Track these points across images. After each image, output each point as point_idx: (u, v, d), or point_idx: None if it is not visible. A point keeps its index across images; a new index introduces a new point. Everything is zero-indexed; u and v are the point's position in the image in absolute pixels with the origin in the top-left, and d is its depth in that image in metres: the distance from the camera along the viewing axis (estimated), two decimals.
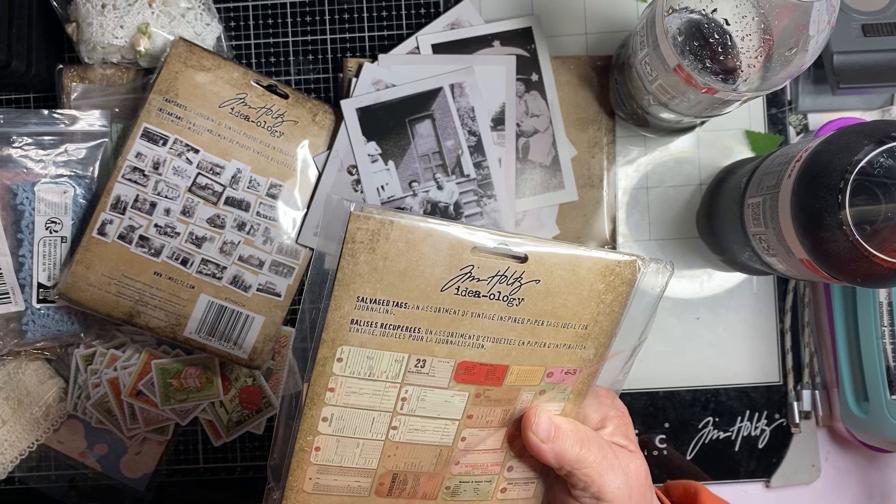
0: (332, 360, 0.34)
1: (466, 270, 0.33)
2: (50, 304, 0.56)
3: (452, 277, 0.33)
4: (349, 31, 0.61)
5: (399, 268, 0.33)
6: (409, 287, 0.33)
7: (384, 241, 0.32)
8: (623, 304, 0.37)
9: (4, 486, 0.61)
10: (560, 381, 0.38)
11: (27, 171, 0.57)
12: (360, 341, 0.34)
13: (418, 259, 0.33)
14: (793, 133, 0.61)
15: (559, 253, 0.35)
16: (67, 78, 0.59)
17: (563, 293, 0.35)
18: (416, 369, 0.35)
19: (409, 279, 0.33)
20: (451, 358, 0.35)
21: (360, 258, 0.32)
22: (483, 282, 0.34)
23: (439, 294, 0.34)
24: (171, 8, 0.57)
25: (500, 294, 0.34)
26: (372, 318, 0.33)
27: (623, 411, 0.43)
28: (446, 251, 0.33)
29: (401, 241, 0.32)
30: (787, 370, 0.60)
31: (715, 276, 0.61)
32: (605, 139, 0.60)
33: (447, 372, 0.35)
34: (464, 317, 0.34)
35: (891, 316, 0.53)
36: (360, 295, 0.33)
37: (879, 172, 0.39)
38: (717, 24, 0.43)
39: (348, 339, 0.33)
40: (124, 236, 0.56)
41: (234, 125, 0.57)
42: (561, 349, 0.37)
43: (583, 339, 0.37)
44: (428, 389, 0.36)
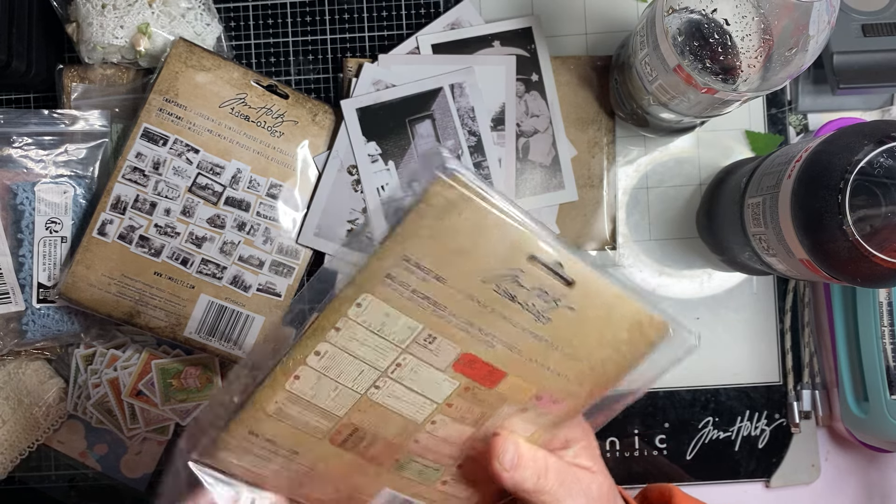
0: (352, 304, 0.33)
1: (514, 273, 0.33)
2: (50, 304, 0.57)
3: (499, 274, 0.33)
4: (349, 31, 0.61)
5: (455, 245, 0.32)
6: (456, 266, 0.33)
7: (455, 216, 0.31)
8: (637, 362, 0.37)
9: (4, 485, 0.61)
10: (544, 407, 0.38)
11: (27, 171, 0.57)
12: (386, 296, 0.33)
13: (476, 244, 0.32)
14: (793, 133, 0.61)
15: (605, 290, 0.34)
16: (67, 78, 0.59)
17: (588, 328, 0.35)
18: (423, 343, 0.34)
19: (459, 259, 0.32)
20: (459, 345, 0.35)
21: (426, 221, 0.32)
22: (524, 289, 0.33)
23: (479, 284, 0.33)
24: (171, 8, 0.57)
25: (533, 307, 0.34)
26: (407, 280, 0.33)
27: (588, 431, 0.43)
28: (506, 248, 0.32)
29: (470, 220, 0.32)
30: (787, 370, 0.60)
31: (715, 276, 0.61)
32: (605, 139, 0.60)
33: (450, 357, 0.35)
34: (491, 314, 0.34)
35: (891, 316, 0.53)
36: (408, 255, 0.32)
37: (879, 172, 0.39)
38: (716, 24, 0.43)
39: (376, 290, 0.33)
40: (124, 236, 0.56)
41: (234, 125, 0.57)
42: (560, 378, 0.37)
43: (583, 377, 0.37)
44: (425, 365, 0.35)
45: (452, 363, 0.35)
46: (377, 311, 0.33)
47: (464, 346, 0.35)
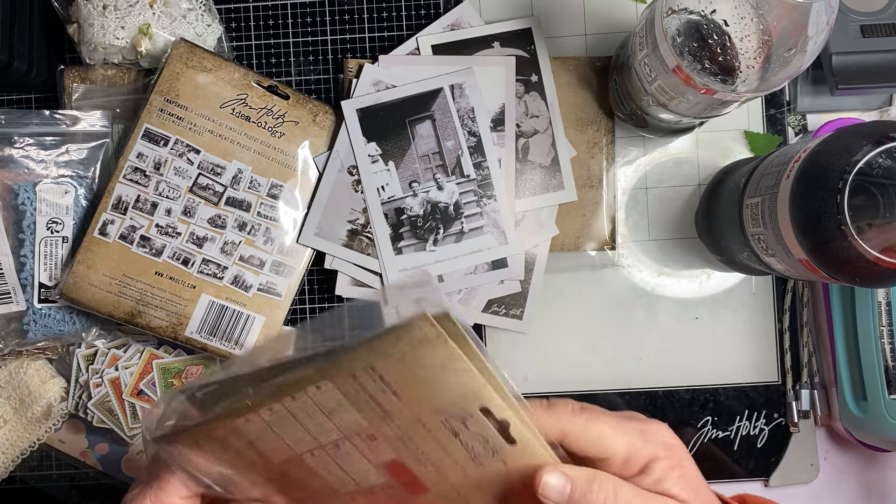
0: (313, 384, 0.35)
1: (464, 415, 0.35)
2: (51, 304, 0.57)
3: (450, 411, 0.35)
4: (349, 31, 0.61)
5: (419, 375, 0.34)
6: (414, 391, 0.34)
7: (428, 351, 0.33)
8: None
9: (6, 485, 0.61)
10: None
11: (28, 171, 0.57)
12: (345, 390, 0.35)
13: (438, 380, 0.34)
14: (791, 133, 0.61)
15: (540, 458, 0.36)
16: (69, 79, 0.59)
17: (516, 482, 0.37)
18: (364, 437, 0.37)
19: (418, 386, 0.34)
20: (395, 452, 0.37)
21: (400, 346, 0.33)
22: (468, 432, 0.35)
23: (430, 412, 0.35)
24: (172, 9, 0.57)
25: (472, 448, 0.36)
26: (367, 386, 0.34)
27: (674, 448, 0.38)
28: (464, 392, 0.34)
29: (440, 359, 0.33)
30: (786, 370, 0.60)
31: (714, 276, 0.61)
32: (604, 140, 0.60)
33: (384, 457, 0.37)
34: (432, 439, 0.36)
35: (889, 316, 0.53)
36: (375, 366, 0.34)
37: (878, 173, 0.39)
38: (716, 25, 0.43)
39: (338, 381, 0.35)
40: (125, 236, 0.56)
41: (235, 126, 0.57)
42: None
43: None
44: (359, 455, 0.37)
45: (384, 462, 0.37)
46: (333, 397, 0.35)
47: (398, 454, 0.37)
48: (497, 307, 0.60)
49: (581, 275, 0.61)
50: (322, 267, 0.59)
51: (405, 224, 0.58)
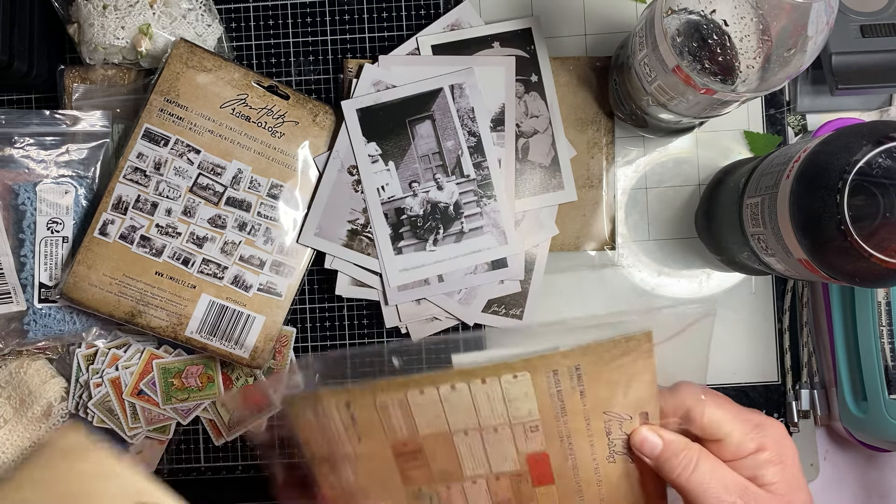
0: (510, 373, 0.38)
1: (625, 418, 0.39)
2: (51, 304, 0.57)
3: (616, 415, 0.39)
4: (349, 32, 0.61)
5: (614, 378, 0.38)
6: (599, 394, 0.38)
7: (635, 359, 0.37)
8: None
9: None
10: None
11: (29, 171, 0.57)
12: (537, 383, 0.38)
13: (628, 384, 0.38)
14: (791, 133, 0.61)
15: None
16: (69, 79, 0.59)
17: None
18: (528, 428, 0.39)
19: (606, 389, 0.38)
20: (548, 445, 0.40)
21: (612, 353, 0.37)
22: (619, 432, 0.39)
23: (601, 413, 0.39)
24: (172, 9, 0.57)
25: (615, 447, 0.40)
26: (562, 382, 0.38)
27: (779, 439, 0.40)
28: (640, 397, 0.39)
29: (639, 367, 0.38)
30: (786, 370, 0.60)
31: (714, 276, 0.61)
32: (604, 140, 0.60)
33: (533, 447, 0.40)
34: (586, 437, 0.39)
35: (889, 316, 0.53)
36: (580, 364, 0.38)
37: (878, 173, 0.39)
38: (715, 25, 0.43)
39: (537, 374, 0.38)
40: (126, 236, 0.56)
41: (235, 126, 0.57)
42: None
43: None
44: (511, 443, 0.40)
45: (530, 452, 0.40)
46: (522, 388, 0.38)
47: (550, 446, 0.39)
48: (497, 307, 0.60)
49: (581, 275, 0.61)
50: (322, 267, 0.59)
51: (405, 224, 0.58)
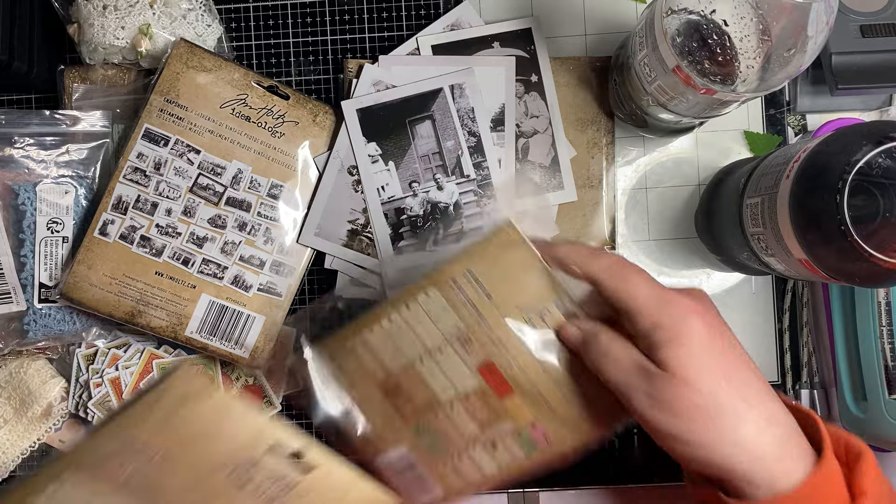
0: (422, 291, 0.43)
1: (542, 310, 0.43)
2: (51, 304, 0.57)
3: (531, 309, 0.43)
4: (349, 31, 0.61)
5: (507, 273, 0.42)
6: (503, 292, 0.42)
7: (512, 251, 0.42)
8: None
9: (6, 485, 0.61)
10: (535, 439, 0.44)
11: (29, 171, 0.57)
12: (447, 295, 0.43)
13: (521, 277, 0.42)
14: (791, 134, 0.61)
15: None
16: (69, 79, 0.59)
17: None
18: (463, 341, 0.44)
19: (506, 286, 0.42)
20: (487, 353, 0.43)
21: (489, 250, 0.42)
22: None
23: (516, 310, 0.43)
24: (172, 9, 0.57)
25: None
26: (465, 288, 0.43)
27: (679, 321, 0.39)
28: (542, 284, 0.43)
29: (520, 257, 0.42)
30: (786, 370, 0.60)
31: (714, 276, 0.61)
32: (604, 140, 0.60)
33: (478, 359, 0.44)
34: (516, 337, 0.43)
35: (889, 316, 0.53)
36: (471, 269, 0.42)
37: (877, 173, 0.39)
38: (715, 25, 0.43)
39: (442, 287, 0.43)
40: (126, 236, 0.56)
41: (235, 126, 0.57)
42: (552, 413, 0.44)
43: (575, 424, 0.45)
44: (459, 359, 0.44)
45: (478, 365, 0.44)
46: (438, 303, 0.43)
47: (489, 354, 0.43)
48: None
49: None
50: (322, 267, 0.59)
51: (405, 224, 0.58)
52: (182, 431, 0.36)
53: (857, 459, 0.40)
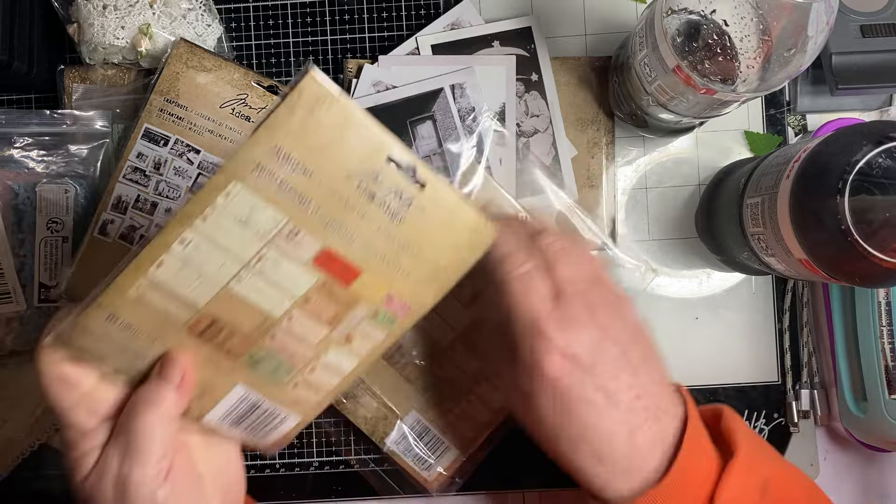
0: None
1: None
2: (51, 304, 0.57)
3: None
4: (349, 31, 0.61)
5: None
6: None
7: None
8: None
9: (5, 485, 0.61)
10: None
11: (28, 171, 0.57)
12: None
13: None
14: (791, 134, 0.61)
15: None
16: (69, 78, 0.59)
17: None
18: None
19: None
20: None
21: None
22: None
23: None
24: (172, 9, 0.57)
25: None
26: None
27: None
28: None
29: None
30: (786, 370, 0.60)
31: (714, 275, 0.61)
32: (604, 139, 0.60)
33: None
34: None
35: (889, 316, 0.53)
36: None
37: (878, 173, 0.39)
38: (715, 25, 0.43)
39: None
40: (126, 236, 0.56)
41: (235, 126, 0.57)
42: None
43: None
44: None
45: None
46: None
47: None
48: None
49: None
50: None
51: None
52: (314, 140, 0.34)
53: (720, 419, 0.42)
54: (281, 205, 0.35)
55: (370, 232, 0.36)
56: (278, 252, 0.36)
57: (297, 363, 0.40)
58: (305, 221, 0.36)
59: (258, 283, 0.37)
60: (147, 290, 0.36)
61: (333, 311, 0.38)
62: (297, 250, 0.36)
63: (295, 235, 0.36)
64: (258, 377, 0.40)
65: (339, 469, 0.60)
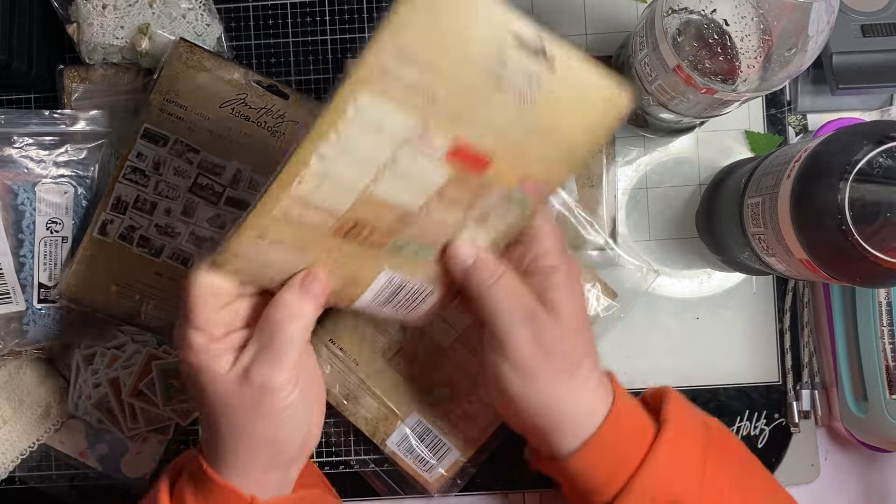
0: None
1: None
2: (51, 304, 0.57)
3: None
4: (349, 31, 0.61)
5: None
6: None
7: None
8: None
9: (5, 485, 0.61)
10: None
11: (28, 171, 0.57)
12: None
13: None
14: (792, 133, 0.61)
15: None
16: (68, 78, 0.59)
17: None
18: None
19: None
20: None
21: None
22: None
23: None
24: (171, 8, 0.57)
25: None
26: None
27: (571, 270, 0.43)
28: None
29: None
30: (787, 370, 0.60)
31: (714, 276, 0.61)
32: None
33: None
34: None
35: (890, 316, 0.53)
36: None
37: (878, 172, 0.39)
38: (716, 25, 0.43)
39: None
40: (125, 236, 0.56)
41: (234, 125, 0.57)
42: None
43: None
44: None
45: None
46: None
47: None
48: None
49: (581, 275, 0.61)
50: None
51: None
52: (437, 33, 0.33)
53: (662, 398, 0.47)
54: (410, 106, 0.34)
55: (500, 119, 0.36)
56: (411, 152, 0.36)
57: (437, 242, 0.41)
58: (435, 118, 0.35)
59: (395, 183, 0.37)
60: (290, 206, 0.37)
61: (468, 198, 0.39)
62: (429, 148, 0.36)
63: (426, 134, 0.35)
64: (401, 260, 0.41)
65: (339, 470, 0.60)
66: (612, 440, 0.44)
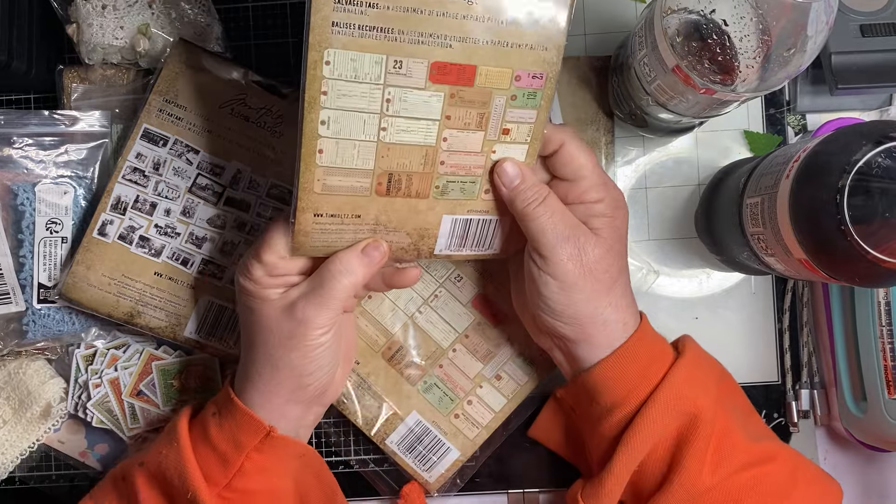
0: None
1: None
2: (50, 305, 0.57)
3: None
4: None
5: None
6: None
7: None
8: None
9: (5, 485, 0.61)
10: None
11: (28, 171, 0.57)
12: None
13: None
14: (791, 133, 0.61)
15: None
16: (68, 79, 0.59)
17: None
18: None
19: None
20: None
21: None
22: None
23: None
24: (171, 9, 0.57)
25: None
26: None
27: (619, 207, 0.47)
28: None
29: None
30: (786, 370, 0.60)
31: (713, 275, 0.61)
32: (603, 139, 0.60)
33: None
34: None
35: (889, 316, 0.53)
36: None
37: (877, 172, 0.39)
38: (715, 25, 0.43)
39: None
40: (125, 237, 0.56)
41: (234, 126, 0.57)
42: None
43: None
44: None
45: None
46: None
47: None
48: None
49: None
50: None
51: None
52: None
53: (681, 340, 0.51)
54: (372, 47, 0.37)
55: (458, 26, 0.38)
56: (399, 88, 0.38)
57: (476, 172, 0.43)
58: (401, 50, 0.37)
59: (400, 123, 0.40)
60: (325, 177, 0.40)
61: (476, 113, 0.41)
62: (412, 78, 0.38)
63: (401, 66, 0.38)
64: (454, 202, 0.44)
65: (339, 469, 0.60)
66: (640, 351, 0.47)
